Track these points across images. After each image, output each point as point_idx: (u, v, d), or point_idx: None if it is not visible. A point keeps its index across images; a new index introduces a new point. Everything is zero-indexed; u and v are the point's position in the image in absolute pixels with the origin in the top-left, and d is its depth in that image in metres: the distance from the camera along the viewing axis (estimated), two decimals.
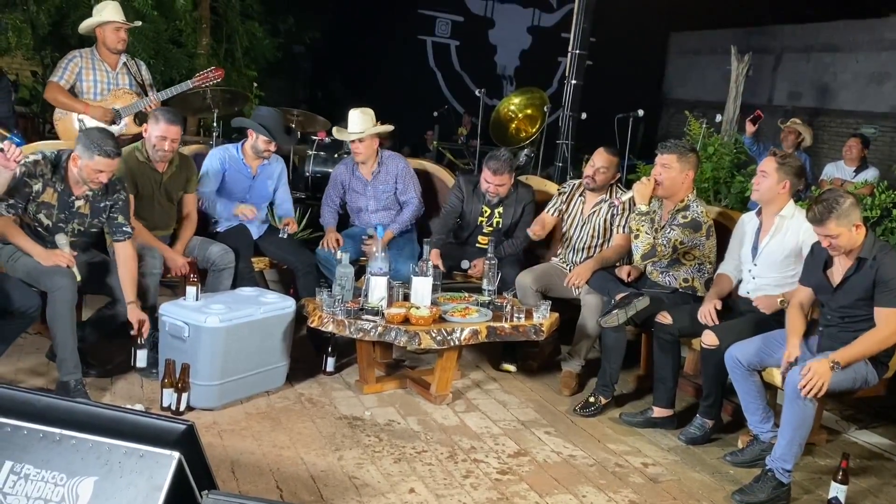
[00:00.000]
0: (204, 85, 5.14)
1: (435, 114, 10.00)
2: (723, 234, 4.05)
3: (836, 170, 7.22)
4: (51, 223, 3.63)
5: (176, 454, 2.04)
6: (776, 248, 3.69)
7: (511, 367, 4.48)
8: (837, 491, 3.08)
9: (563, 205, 4.57)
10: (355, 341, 3.93)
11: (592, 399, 3.99)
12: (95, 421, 2.15)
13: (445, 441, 3.54)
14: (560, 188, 4.71)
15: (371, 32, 12.38)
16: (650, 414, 3.88)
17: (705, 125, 6.61)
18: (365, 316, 3.74)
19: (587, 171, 4.45)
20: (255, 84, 8.23)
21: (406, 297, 3.94)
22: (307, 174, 6.29)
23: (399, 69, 12.50)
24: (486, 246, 4.35)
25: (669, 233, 3.90)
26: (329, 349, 4.18)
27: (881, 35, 11.09)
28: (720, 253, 4.02)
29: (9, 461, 2.09)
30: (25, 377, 3.85)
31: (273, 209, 4.83)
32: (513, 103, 8.15)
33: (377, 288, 3.81)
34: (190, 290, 3.71)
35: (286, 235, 4.53)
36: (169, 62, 7.79)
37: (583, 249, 4.47)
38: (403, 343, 3.70)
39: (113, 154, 3.51)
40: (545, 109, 7.61)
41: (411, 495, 3.05)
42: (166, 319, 3.63)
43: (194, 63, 7.82)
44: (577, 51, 6.75)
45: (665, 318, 3.79)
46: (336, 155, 6.62)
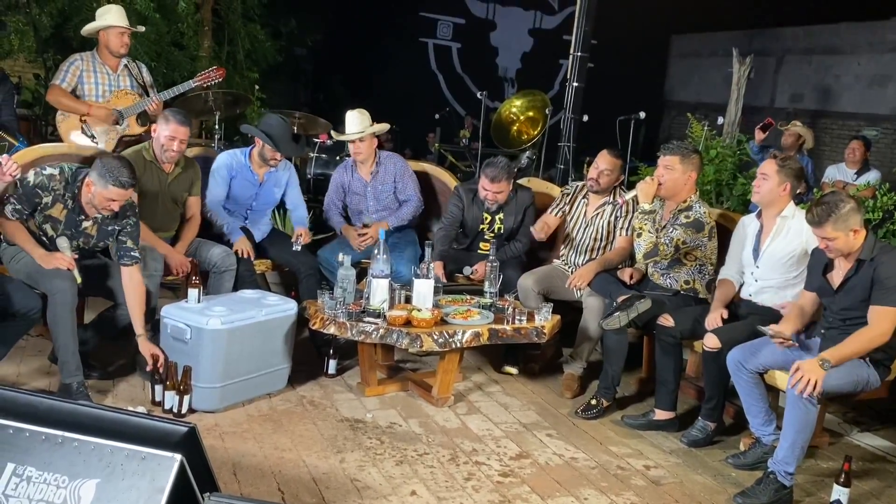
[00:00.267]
0: (205, 85, 5.14)
1: (436, 116, 10.01)
2: (724, 237, 4.04)
3: (838, 172, 7.22)
4: (55, 235, 3.62)
5: (178, 456, 2.04)
6: (778, 250, 3.69)
7: (513, 370, 4.48)
8: (840, 494, 3.08)
9: (567, 206, 4.57)
10: (357, 344, 3.93)
11: (594, 401, 3.99)
12: (97, 423, 2.15)
13: (447, 443, 3.54)
14: (563, 189, 4.72)
15: (373, 35, 12.39)
16: (652, 416, 3.88)
17: (707, 127, 6.62)
18: (366, 318, 3.74)
19: (591, 174, 4.45)
20: (257, 86, 8.24)
21: (408, 300, 3.94)
22: (309, 177, 6.31)
23: (400, 72, 12.50)
24: (488, 252, 4.35)
25: (672, 232, 3.91)
26: (331, 351, 4.18)
27: (883, 37, 11.10)
28: (721, 255, 4.02)
29: (11, 463, 2.09)
30: (28, 379, 3.86)
31: (285, 215, 4.82)
32: (514, 106, 8.16)
33: (379, 290, 3.81)
34: (192, 293, 3.71)
35: (300, 247, 4.48)
36: (171, 64, 7.81)
37: (585, 251, 4.47)
38: (405, 345, 3.70)
39: (127, 185, 3.48)
40: (547, 112, 7.62)
41: (413, 498, 3.04)
42: (168, 322, 3.63)
43: (196, 65, 7.83)
44: (579, 53, 6.76)
45: (667, 321, 3.79)
46: (337, 157, 6.63)
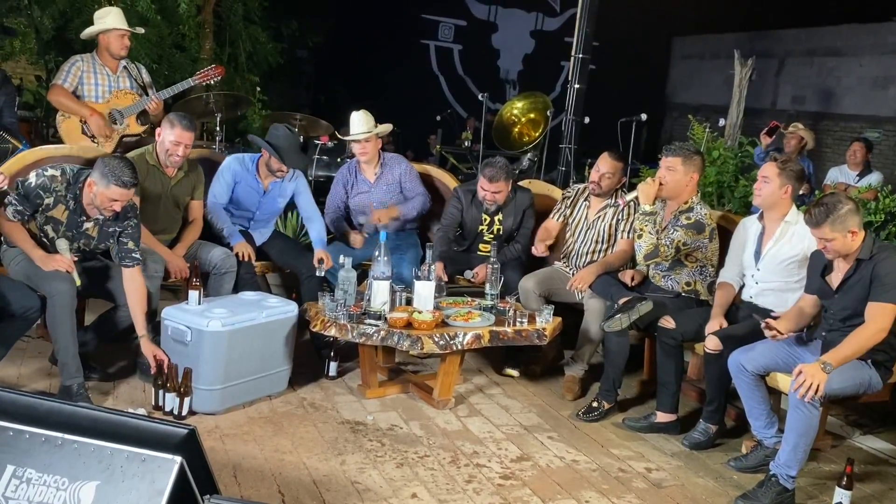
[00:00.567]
0: (204, 83, 5.15)
1: (438, 118, 10.01)
2: (726, 238, 4.04)
3: (840, 174, 7.22)
4: (56, 237, 3.62)
5: (178, 458, 2.03)
6: (781, 254, 3.68)
7: (514, 372, 4.47)
8: (842, 496, 3.07)
9: (568, 209, 4.57)
10: (358, 346, 3.93)
11: (595, 404, 3.98)
12: (97, 425, 2.14)
13: (448, 446, 3.53)
14: (564, 193, 4.71)
15: (374, 37, 12.40)
16: (653, 419, 3.87)
17: (708, 129, 6.61)
18: (367, 320, 3.74)
19: (593, 177, 4.44)
20: (258, 88, 8.25)
21: (409, 302, 3.93)
22: (310, 178, 6.30)
23: (402, 73, 12.52)
24: (488, 253, 4.35)
25: (673, 233, 3.90)
26: (331, 354, 4.17)
27: (885, 39, 11.10)
28: (722, 257, 4.01)
29: (11, 465, 2.08)
30: (28, 381, 3.85)
31: (287, 217, 4.79)
32: (516, 107, 8.15)
33: (380, 292, 3.80)
34: (192, 294, 3.70)
35: (322, 273, 4.41)
36: (172, 66, 7.83)
37: (587, 254, 4.46)
38: (406, 347, 3.69)
39: (129, 184, 3.48)
40: (548, 113, 7.62)
41: (413, 500, 3.04)
42: (169, 323, 3.63)
43: (197, 67, 7.82)
44: (580, 55, 6.75)
45: (668, 323, 3.78)
46: (339, 159, 6.63)
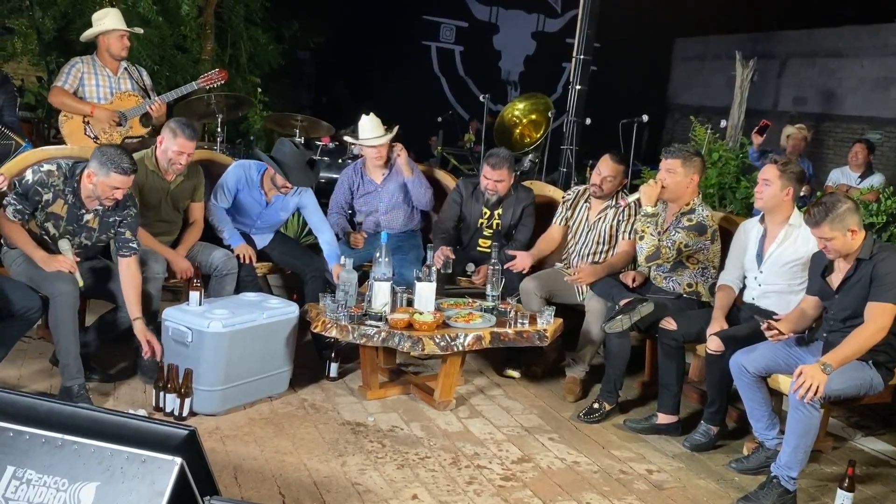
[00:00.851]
0: (208, 87, 5.15)
1: (439, 119, 10.01)
2: (727, 240, 4.03)
3: (842, 175, 7.21)
4: (57, 233, 3.63)
5: (178, 460, 2.03)
6: (784, 256, 3.68)
7: (515, 373, 4.46)
8: (844, 498, 3.06)
9: (568, 212, 4.57)
10: (359, 347, 3.93)
11: (596, 405, 3.97)
12: (98, 426, 2.14)
13: (449, 447, 3.53)
14: (564, 196, 4.71)
15: (375, 38, 12.40)
16: (655, 420, 3.87)
17: (710, 131, 6.60)
18: (368, 321, 3.74)
19: (594, 180, 4.44)
20: (260, 89, 8.25)
21: (410, 303, 3.93)
22: None
23: (403, 75, 12.52)
24: (488, 250, 4.35)
25: (674, 235, 3.90)
26: (332, 355, 4.17)
27: (886, 40, 11.08)
28: (724, 259, 4.00)
29: (11, 466, 2.08)
30: (29, 382, 3.85)
31: (289, 219, 4.77)
32: (517, 109, 8.14)
33: (380, 293, 3.80)
34: (193, 295, 3.70)
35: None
36: (174, 67, 7.83)
37: (587, 255, 4.46)
38: (407, 349, 3.69)
39: (129, 171, 3.49)
40: (549, 115, 7.60)
41: (414, 501, 3.03)
42: (169, 324, 3.63)
43: (199, 68, 7.85)
44: (582, 56, 6.75)
45: (669, 324, 3.78)
46: (340, 160, 6.63)
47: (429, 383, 4.09)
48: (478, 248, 4.76)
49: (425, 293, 3.87)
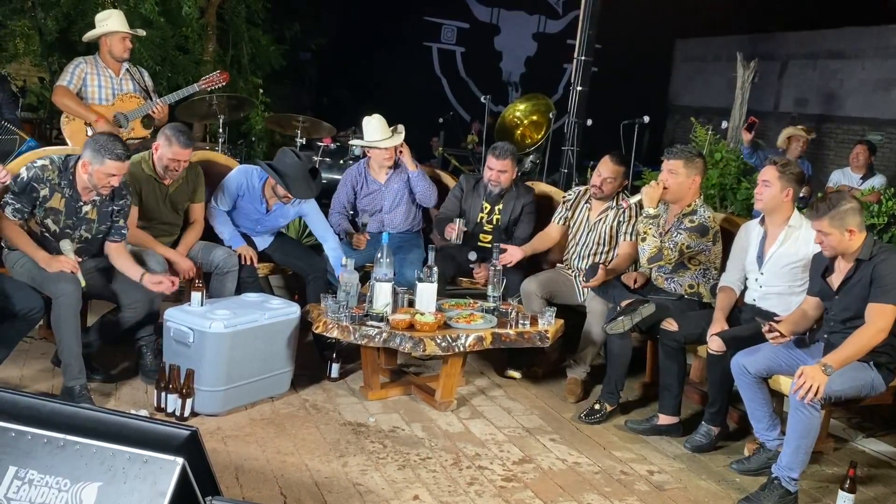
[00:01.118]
0: (210, 89, 5.16)
1: (441, 120, 10.01)
2: (729, 241, 4.03)
3: (843, 177, 7.21)
4: (58, 229, 3.63)
5: (180, 460, 2.04)
6: (785, 257, 3.68)
7: (516, 374, 4.47)
8: (845, 500, 3.06)
9: (569, 212, 4.57)
10: (360, 347, 3.93)
11: (598, 406, 3.97)
12: (99, 426, 2.14)
13: (450, 448, 3.53)
14: (564, 196, 4.71)
15: (377, 39, 12.41)
16: (655, 421, 3.87)
17: (711, 132, 6.61)
18: (370, 322, 3.74)
19: (594, 181, 4.44)
20: (261, 90, 8.26)
21: (411, 304, 3.94)
22: None
23: (405, 76, 12.51)
24: (488, 244, 4.37)
25: (676, 237, 3.90)
26: (333, 355, 4.17)
27: (887, 42, 11.07)
28: (725, 260, 4.00)
29: (13, 466, 2.09)
30: (30, 382, 3.86)
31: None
32: (518, 110, 8.15)
33: (382, 294, 3.81)
34: (195, 296, 3.71)
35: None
36: (175, 68, 7.84)
37: (588, 256, 4.46)
38: (408, 349, 3.69)
39: (123, 157, 3.52)
40: (550, 116, 7.61)
41: (415, 502, 3.04)
42: (171, 325, 3.63)
43: (200, 69, 7.85)
44: (583, 57, 6.76)
45: (671, 325, 3.78)
46: (342, 161, 6.64)
47: (430, 384, 4.09)
48: (479, 244, 4.78)
49: (426, 294, 3.87)
